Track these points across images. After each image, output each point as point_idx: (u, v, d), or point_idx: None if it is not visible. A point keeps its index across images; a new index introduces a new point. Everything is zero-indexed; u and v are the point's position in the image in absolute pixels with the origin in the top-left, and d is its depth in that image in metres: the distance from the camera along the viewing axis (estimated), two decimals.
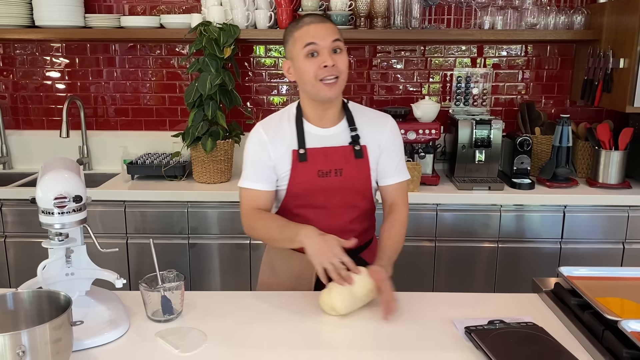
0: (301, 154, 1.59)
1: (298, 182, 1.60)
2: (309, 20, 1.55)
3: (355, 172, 1.61)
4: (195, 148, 2.69)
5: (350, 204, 1.64)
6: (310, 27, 1.52)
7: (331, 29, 1.54)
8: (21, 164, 3.17)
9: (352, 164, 1.60)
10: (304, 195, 1.62)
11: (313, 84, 1.53)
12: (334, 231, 1.57)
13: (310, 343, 1.31)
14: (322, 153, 1.59)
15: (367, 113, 1.69)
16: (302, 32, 1.53)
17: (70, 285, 1.39)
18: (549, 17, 2.80)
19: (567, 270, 1.49)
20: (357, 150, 1.60)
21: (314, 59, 1.52)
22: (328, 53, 1.51)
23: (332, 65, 1.50)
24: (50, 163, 1.41)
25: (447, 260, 2.62)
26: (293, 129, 1.61)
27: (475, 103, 2.89)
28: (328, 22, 1.56)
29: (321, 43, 1.51)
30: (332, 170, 1.59)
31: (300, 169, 1.59)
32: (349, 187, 1.61)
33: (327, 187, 1.60)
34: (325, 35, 1.52)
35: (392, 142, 1.67)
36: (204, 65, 2.60)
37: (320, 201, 1.61)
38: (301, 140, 1.60)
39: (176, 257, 2.63)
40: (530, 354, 1.21)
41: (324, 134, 1.62)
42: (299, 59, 1.53)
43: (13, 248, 2.67)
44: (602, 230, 2.57)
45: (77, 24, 2.79)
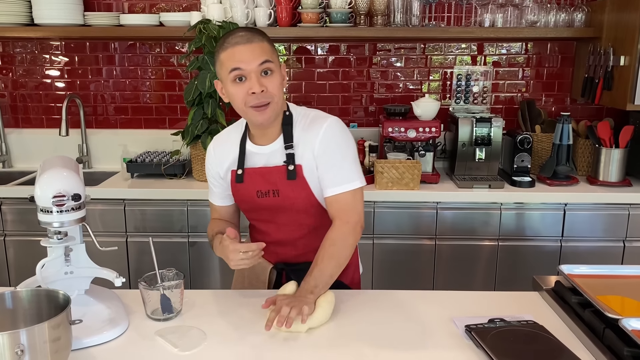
0: (238, 175, 1.56)
1: (240, 201, 1.61)
2: (234, 40, 1.42)
3: (292, 193, 1.53)
4: (195, 146, 2.69)
5: (296, 222, 1.58)
6: (235, 49, 1.41)
7: (258, 50, 1.41)
8: (21, 162, 3.17)
9: (287, 185, 1.52)
10: (249, 211, 1.64)
11: (243, 110, 1.46)
12: (284, 244, 1.62)
13: (310, 341, 1.30)
14: (259, 173, 1.54)
15: (306, 121, 1.55)
16: (227, 55, 1.42)
17: (69, 283, 1.38)
18: (549, 15, 2.79)
19: (567, 269, 1.48)
20: (290, 170, 1.51)
21: (242, 83, 1.42)
22: (256, 77, 1.41)
23: (260, 91, 1.41)
24: (48, 161, 1.41)
25: (448, 258, 2.61)
26: (237, 147, 1.58)
27: (475, 101, 2.88)
28: (256, 40, 1.42)
29: (247, 67, 1.40)
30: (269, 190, 1.53)
31: (240, 189, 1.58)
32: (289, 207, 1.55)
33: (268, 206, 1.56)
34: (251, 59, 1.40)
35: (325, 149, 1.50)
36: (203, 63, 2.60)
37: (266, 217, 1.60)
38: (241, 160, 1.56)
39: (176, 255, 2.63)
40: (530, 353, 1.20)
41: (262, 152, 1.55)
42: (227, 83, 1.45)
43: (13, 247, 2.67)
44: (603, 228, 2.56)
45: (77, 22, 2.78)
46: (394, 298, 1.53)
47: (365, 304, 1.49)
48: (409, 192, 2.55)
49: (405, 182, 2.56)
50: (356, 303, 1.49)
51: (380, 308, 1.46)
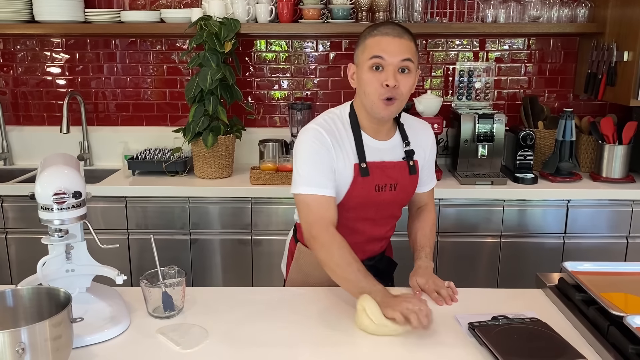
0: (363, 169, 1.52)
1: (355, 196, 1.54)
2: (385, 30, 1.45)
3: (408, 187, 1.62)
4: (196, 143, 2.68)
5: (393, 215, 1.67)
6: (384, 39, 1.44)
7: (405, 46, 1.44)
8: (22, 160, 3.16)
9: (407, 179, 1.60)
10: (356, 208, 1.57)
11: (371, 99, 1.46)
12: (375, 240, 1.65)
13: (311, 339, 1.30)
14: (379, 167, 1.55)
15: (413, 124, 1.66)
16: (373, 42, 1.45)
17: (70, 281, 1.38)
18: (552, 10, 2.77)
19: (571, 266, 1.48)
20: (412, 166, 1.60)
21: (378, 73, 1.44)
22: (393, 71, 1.43)
23: (393, 85, 1.43)
24: (49, 159, 1.40)
25: (450, 255, 2.60)
26: (351, 139, 1.53)
27: (477, 97, 2.87)
28: (406, 37, 1.45)
29: (389, 59, 1.43)
30: (387, 184, 1.56)
31: (360, 183, 1.53)
32: (399, 201, 1.63)
33: (380, 201, 1.58)
34: (396, 52, 1.42)
35: (433, 152, 1.70)
36: (204, 60, 2.59)
37: (371, 214, 1.60)
38: (361, 152, 1.52)
39: (177, 253, 2.63)
40: (534, 350, 1.20)
41: (380, 147, 1.56)
42: (363, 68, 1.46)
43: (14, 244, 2.67)
44: (606, 224, 2.55)
45: (77, 19, 2.78)
46: None
47: None
48: None
49: None
50: None
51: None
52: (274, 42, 3.05)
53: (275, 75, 3.08)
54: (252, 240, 2.61)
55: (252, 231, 2.60)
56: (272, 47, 3.05)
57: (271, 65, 3.07)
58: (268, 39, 3.04)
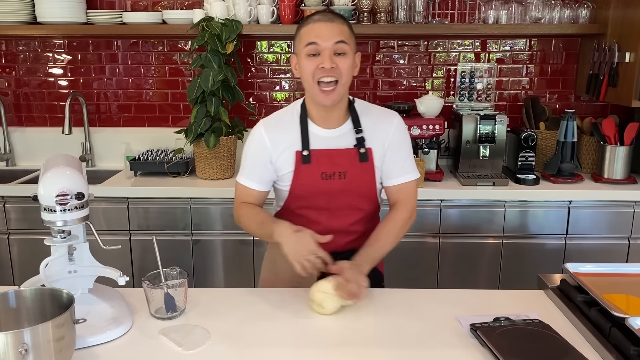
0: (305, 156, 1.56)
1: (301, 184, 1.59)
2: (317, 17, 1.50)
3: (360, 176, 1.59)
4: (198, 144, 2.68)
5: (353, 207, 1.62)
6: (316, 25, 1.49)
7: (337, 30, 1.48)
8: (24, 160, 3.17)
9: (357, 167, 1.58)
10: (306, 197, 1.60)
11: (311, 85, 1.51)
12: (335, 232, 1.57)
13: (313, 340, 1.30)
14: (326, 155, 1.56)
15: (374, 111, 1.65)
16: (307, 30, 1.50)
17: (72, 282, 1.38)
18: (553, 11, 2.77)
19: (573, 267, 1.47)
20: (362, 153, 1.57)
21: (314, 58, 1.49)
22: (329, 54, 1.47)
23: (330, 67, 1.46)
24: (52, 160, 1.40)
25: (452, 256, 2.60)
26: (297, 129, 1.58)
27: (479, 98, 2.87)
28: (337, 21, 1.50)
29: (323, 44, 1.47)
30: (336, 172, 1.56)
31: (304, 171, 1.57)
32: (353, 190, 1.59)
33: (329, 190, 1.58)
34: (329, 36, 1.47)
35: (397, 141, 1.62)
36: (206, 61, 2.59)
37: (323, 203, 1.60)
38: (305, 141, 1.57)
39: (179, 253, 2.63)
40: (536, 351, 1.20)
41: (328, 135, 1.59)
42: (302, 56, 1.51)
43: (17, 245, 2.67)
44: (608, 225, 2.55)
45: (79, 20, 2.78)
46: (398, 296, 1.52)
47: (369, 303, 1.48)
48: None
49: None
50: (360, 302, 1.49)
51: (384, 306, 1.46)
52: (275, 43, 3.05)
53: (276, 77, 3.09)
54: (253, 241, 2.61)
55: None
56: (274, 49, 3.06)
57: (273, 66, 3.07)
58: (270, 40, 3.04)
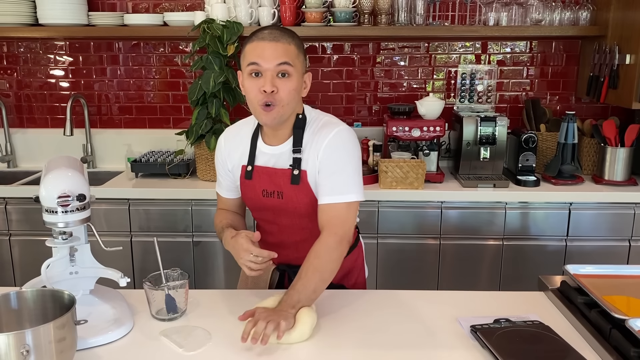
0: (248, 172, 1.56)
1: (246, 198, 1.62)
2: (261, 35, 1.42)
3: (296, 197, 1.51)
4: (199, 146, 2.69)
5: (298, 225, 1.57)
6: (259, 44, 1.40)
7: (281, 50, 1.39)
8: (25, 162, 3.17)
9: (291, 189, 1.51)
10: (254, 210, 1.64)
11: (253, 105, 1.45)
12: (286, 246, 1.60)
13: (314, 341, 1.30)
14: (266, 173, 1.54)
15: (318, 126, 1.52)
16: (250, 48, 1.42)
17: (74, 284, 1.39)
18: (554, 13, 2.78)
19: (573, 268, 1.48)
20: (295, 175, 1.49)
21: (257, 79, 1.41)
22: (271, 76, 1.39)
23: (271, 91, 1.39)
24: (53, 161, 1.41)
25: (452, 258, 2.60)
26: (247, 143, 1.58)
27: (479, 100, 2.88)
28: (282, 40, 1.40)
29: (264, 65, 1.39)
30: (275, 191, 1.53)
31: (247, 186, 1.58)
32: (292, 210, 1.54)
33: (272, 207, 1.56)
34: (272, 57, 1.39)
35: (327, 158, 1.47)
36: (207, 62, 2.60)
37: (270, 217, 1.60)
38: (251, 157, 1.56)
39: (180, 255, 2.63)
40: (536, 353, 1.20)
41: (271, 152, 1.54)
42: (244, 75, 1.45)
43: (18, 246, 2.68)
44: (608, 227, 2.55)
45: (81, 22, 2.79)
46: (398, 298, 1.52)
47: (369, 304, 1.48)
48: (413, 191, 2.55)
49: (410, 182, 2.55)
50: (361, 303, 1.49)
51: (384, 308, 1.46)
52: None
53: None
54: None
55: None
56: None
57: None
58: None
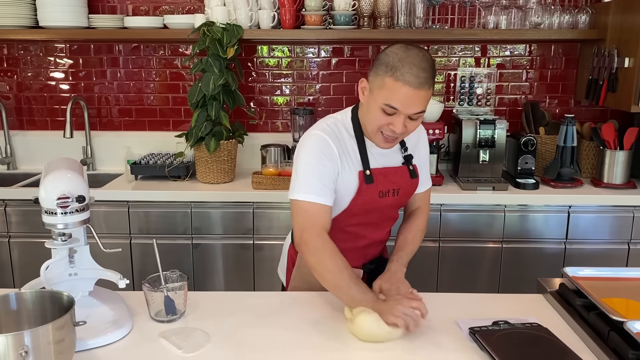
0: (367, 176, 1.51)
1: (360, 203, 1.53)
2: (408, 76, 1.34)
3: (409, 190, 1.63)
4: (199, 148, 2.69)
5: (391, 217, 1.67)
6: (404, 88, 1.34)
7: (422, 99, 1.37)
8: (25, 164, 3.17)
9: (408, 184, 1.61)
10: (361, 215, 1.57)
11: (374, 131, 1.45)
12: (376, 243, 1.67)
13: (312, 343, 1.30)
14: (382, 173, 1.55)
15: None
16: (393, 87, 1.36)
17: (73, 285, 1.39)
18: (553, 17, 2.78)
19: (572, 271, 1.48)
20: (412, 170, 1.61)
21: (388, 116, 1.40)
22: (404, 119, 1.39)
23: (400, 132, 1.41)
24: (53, 163, 1.41)
25: (451, 260, 2.61)
26: (355, 145, 1.52)
27: (479, 103, 2.88)
28: (426, 87, 1.36)
29: (403, 110, 1.38)
30: (390, 190, 1.57)
31: (365, 190, 1.52)
32: (399, 204, 1.65)
33: (383, 207, 1.59)
34: (412, 106, 1.37)
35: (425, 154, 1.70)
36: (207, 65, 2.60)
37: (374, 219, 1.61)
38: (365, 160, 1.52)
39: (179, 257, 2.63)
40: (535, 355, 1.20)
41: (382, 153, 1.55)
42: (376, 102, 1.40)
43: (17, 248, 2.68)
44: (607, 230, 2.56)
45: (81, 25, 2.80)
46: None
47: None
48: None
49: None
50: None
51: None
52: (276, 47, 3.06)
53: (277, 81, 3.10)
54: (253, 245, 2.62)
55: (253, 236, 2.61)
56: (275, 53, 3.07)
57: (273, 70, 3.08)
58: (270, 44, 3.05)
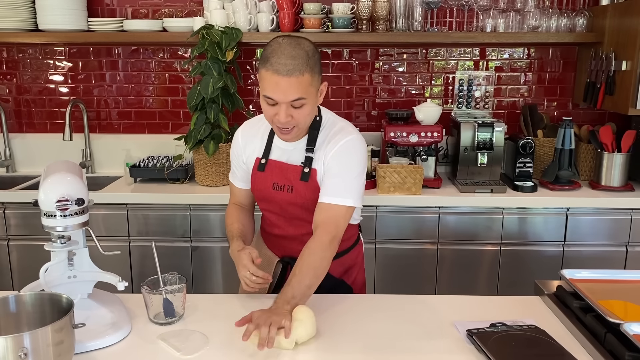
0: (261, 164, 1.63)
1: (257, 189, 1.66)
2: (276, 64, 1.38)
3: (304, 193, 1.58)
4: (198, 151, 2.70)
5: (303, 219, 1.62)
6: (273, 77, 1.39)
7: (295, 86, 1.39)
8: (24, 167, 3.18)
9: (301, 184, 1.58)
10: (263, 200, 1.69)
11: (271, 124, 1.54)
12: (291, 238, 1.67)
13: (311, 346, 1.30)
14: (278, 167, 1.62)
15: (333, 130, 1.59)
16: (266, 76, 1.41)
17: (72, 287, 1.39)
18: (551, 20, 2.79)
19: (569, 273, 1.48)
20: (305, 172, 1.57)
21: (272, 107, 1.45)
22: (285, 108, 1.43)
23: (285, 121, 1.44)
24: (52, 166, 1.42)
25: (450, 263, 2.61)
26: (265, 137, 1.65)
27: (477, 106, 2.89)
28: (296, 73, 1.38)
29: (279, 100, 1.42)
30: (285, 185, 1.61)
31: (259, 177, 1.64)
32: (300, 205, 1.61)
33: (280, 200, 1.63)
34: (286, 94, 1.40)
35: (335, 159, 1.54)
36: (206, 68, 2.61)
37: (277, 210, 1.66)
38: (267, 150, 1.63)
39: (178, 260, 2.63)
40: (532, 357, 1.21)
41: (285, 147, 1.61)
42: (261, 96, 1.47)
43: (16, 251, 2.68)
44: (605, 233, 2.56)
45: (81, 28, 2.80)
46: (396, 302, 1.53)
47: (367, 309, 1.49)
48: (411, 196, 2.56)
49: (407, 187, 2.56)
50: (358, 307, 1.50)
51: (382, 312, 1.47)
52: None
53: None
54: None
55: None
56: None
57: None
58: None
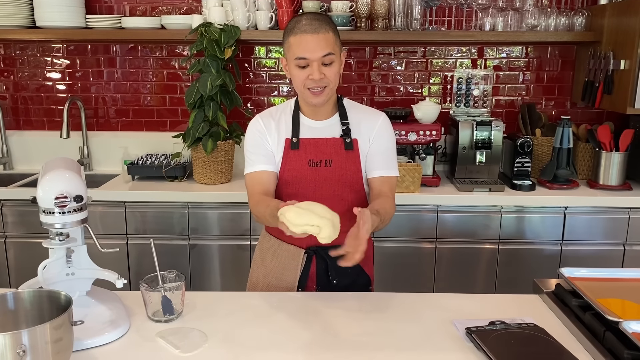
0: (294, 142, 1.65)
1: (289, 169, 1.66)
2: (303, 27, 1.54)
3: (345, 164, 1.65)
4: (196, 149, 2.69)
5: (338, 196, 1.65)
6: (303, 37, 1.53)
7: (323, 42, 1.53)
8: (22, 164, 3.17)
9: (342, 156, 1.65)
10: (294, 183, 1.67)
11: (301, 90, 1.60)
12: None
13: (310, 343, 1.30)
14: (313, 143, 1.66)
15: (361, 109, 1.74)
16: (295, 41, 1.55)
17: (70, 285, 1.39)
18: (549, 19, 2.80)
19: (568, 271, 1.49)
20: (348, 142, 1.65)
21: (304, 69, 1.56)
22: (317, 66, 1.54)
23: (319, 78, 1.55)
24: (51, 163, 1.41)
25: (448, 261, 2.61)
26: (289, 120, 1.69)
27: (475, 104, 2.89)
28: (323, 30, 1.54)
29: (311, 57, 1.54)
30: (322, 160, 1.65)
31: (292, 157, 1.66)
32: (337, 178, 1.65)
33: (316, 177, 1.65)
34: (316, 50, 1.53)
35: (382, 136, 1.69)
36: (204, 66, 2.61)
37: (310, 191, 1.65)
38: (295, 130, 1.67)
39: (176, 257, 2.63)
40: (531, 355, 1.21)
41: (316, 126, 1.68)
42: (291, 65, 1.59)
43: (13, 248, 2.67)
44: (603, 231, 2.57)
45: (78, 25, 2.79)
46: (394, 301, 1.53)
47: (366, 307, 1.49)
48: (409, 195, 2.56)
49: (406, 185, 2.56)
50: (357, 306, 1.50)
51: (381, 311, 1.47)
52: (273, 48, 3.06)
53: (274, 82, 3.10)
54: (250, 245, 2.62)
55: (250, 236, 2.61)
56: (272, 54, 3.07)
57: (271, 71, 3.09)
58: (268, 45, 3.06)
